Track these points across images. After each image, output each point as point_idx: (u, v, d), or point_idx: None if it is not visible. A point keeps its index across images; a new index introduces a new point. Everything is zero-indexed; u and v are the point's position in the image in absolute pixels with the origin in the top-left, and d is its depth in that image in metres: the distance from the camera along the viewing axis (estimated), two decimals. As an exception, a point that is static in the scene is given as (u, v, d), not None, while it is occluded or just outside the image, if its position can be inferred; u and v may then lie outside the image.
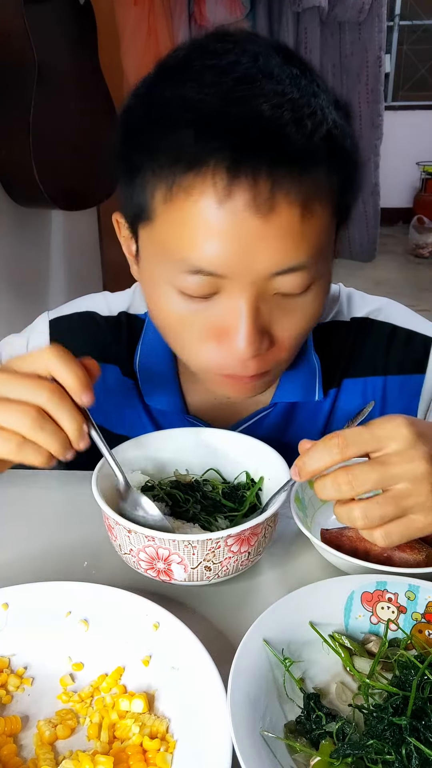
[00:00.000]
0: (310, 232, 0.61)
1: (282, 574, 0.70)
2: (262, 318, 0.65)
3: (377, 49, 3.88)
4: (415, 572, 0.61)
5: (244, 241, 0.59)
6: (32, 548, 0.74)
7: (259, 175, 0.57)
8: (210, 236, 0.59)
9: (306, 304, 0.67)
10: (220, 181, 0.57)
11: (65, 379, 0.57)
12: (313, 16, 3.75)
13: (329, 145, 0.60)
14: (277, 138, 0.57)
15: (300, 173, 0.58)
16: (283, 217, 0.59)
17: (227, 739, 0.47)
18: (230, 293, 0.63)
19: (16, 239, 2.35)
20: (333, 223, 0.66)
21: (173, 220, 0.61)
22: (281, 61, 0.61)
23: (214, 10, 3.42)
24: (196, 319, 0.66)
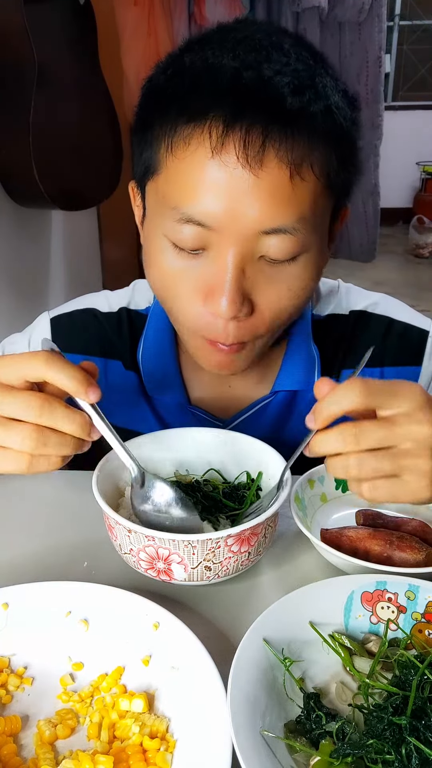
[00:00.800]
0: (299, 196, 0.63)
1: (282, 574, 0.70)
2: (246, 281, 0.66)
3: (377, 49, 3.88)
4: (415, 572, 0.61)
5: (233, 194, 0.61)
6: (32, 548, 0.74)
7: (253, 130, 0.60)
8: (202, 186, 0.62)
9: (291, 275, 0.68)
10: (216, 131, 0.61)
11: (64, 383, 0.56)
12: (313, 16, 3.75)
13: (327, 119, 0.63)
14: (275, 98, 0.60)
15: (293, 134, 0.61)
16: (272, 173, 0.61)
17: (227, 739, 0.47)
18: (218, 249, 0.65)
19: (16, 239, 2.35)
20: (327, 198, 0.67)
21: (173, 170, 0.65)
22: (293, 42, 0.66)
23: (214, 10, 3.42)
24: (187, 275, 0.68)
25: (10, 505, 0.83)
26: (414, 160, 5.90)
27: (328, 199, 0.67)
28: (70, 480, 0.89)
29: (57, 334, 0.91)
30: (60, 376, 0.55)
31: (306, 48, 0.67)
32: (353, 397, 0.55)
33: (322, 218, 0.67)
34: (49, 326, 0.92)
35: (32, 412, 0.55)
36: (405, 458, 0.55)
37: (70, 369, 0.56)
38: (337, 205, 0.72)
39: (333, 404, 0.56)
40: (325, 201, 0.67)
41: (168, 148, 0.64)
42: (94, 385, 0.57)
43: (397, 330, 0.89)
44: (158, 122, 0.65)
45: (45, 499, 0.84)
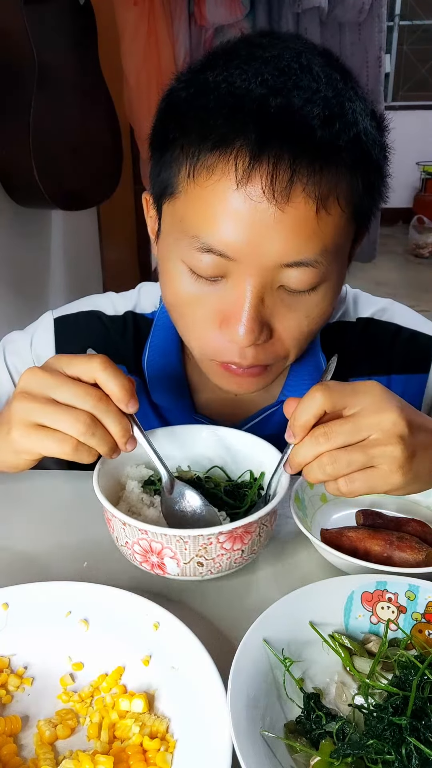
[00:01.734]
0: (323, 230, 0.61)
1: (282, 574, 0.70)
2: (265, 309, 0.66)
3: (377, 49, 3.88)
4: (415, 572, 0.61)
5: (256, 227, 0.60)
6: (32, 548, 0.74)
7: (281, 163, 0.58)
8: (225, 217, 0.61)
9: (311, 304, 0.67)
10: (242, 163, 0.59)
11: (112, 388, 0.60)
12: (313, 17, 3.74)
13: (356, 148, 0.61)
14: (304, 130, 0.58)
15: (321, 168, 0.59)
16: (298, 208, 0.59)
17: (227, 739, 0.47)
18: (237, 278, 0.64)
19: (16, 239, 2.35)
20: (351, 227, 0.66)
21: (194, 197, 0.63)
22: (323, 62, 0.64)
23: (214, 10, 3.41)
24: (203, 301, 0.67)
25: (11, 505, 0.82)
26: (414, 160, 5.90)
27: (352, 226, 0.66)
28: (71, 480, 0.89)
29: (60, 335, 0.91)
30: (111, 381, 0.60)
31: (336, 67, 0.65)
32: (318, 401, 0.58)
33: (344, 247, 0.67)
34: (52, 326, 0.91)
35: (89, 401, 0.59)
36: (375, 447, 0.57)
37: (120, 377, 0.60)
38: (361, 229, 0.71)
39: (303, 413, 0.59)
40: (348, 230, 0.66)
41: (190, 174, 0.63)
42: (135, 397, 0.61)
43: (405, 337, 0.89)
44: (179, 143, 0.63)
45: (45, 499, 0.84)
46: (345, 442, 0.57)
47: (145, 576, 0.68)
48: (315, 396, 0.58)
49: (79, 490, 0.85)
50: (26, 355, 0.91)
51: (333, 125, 0.59)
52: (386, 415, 0.57)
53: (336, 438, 0.57)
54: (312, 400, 0.58)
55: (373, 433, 0.57)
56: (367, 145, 0.63)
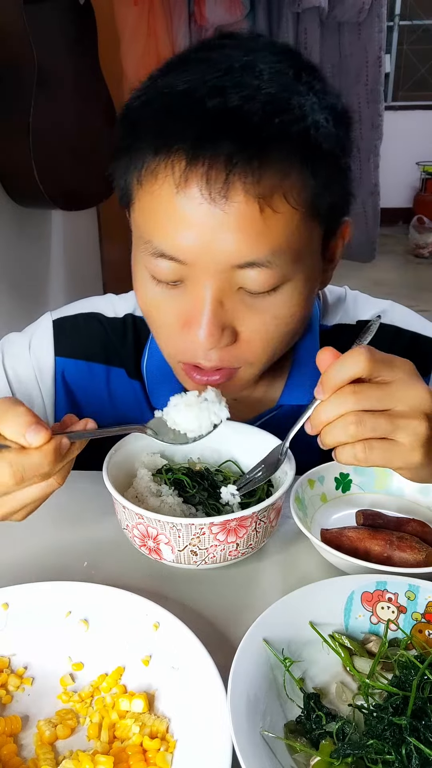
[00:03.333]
0: (272, 229, 0.60)
1: (282, 574, 0.70)
2: (226, 312, 0.65)
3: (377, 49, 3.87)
4: (415, 572, 0.61)
5: (200, 229, 0.60)
6: (32, 548, 0.74)
7: (216, 163, 0.57)
8: (171, 221, 0.61)
9: (274, 305, 0.66)
10: (178, 166, 0.59)
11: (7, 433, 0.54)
12: (313, 17, 3.74)
13: (303, 143, 0.60)
14: (240, 128, 0.57)
15: (260, 166, 0.58)
16: (240, 208, 0.59)
17: (227, 739, 0.47)
18: (194, 282, 0.64)
19: (16, 239, 2.35)
20: (311, 225, 0.64)
21: (144, 203, 0.64)
22: (275, 59, 0.62)
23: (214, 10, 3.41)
24: (167, 305, 0.67)
25: (10, 505, 0.82)
26: (414, 160, 5.90)
27: (312, 225, 0.64)
28: (71, 480, 0.88)
29: (59, 338, 0.90)
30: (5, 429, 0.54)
31: (293, 63, 0.64)
32: (360, 364, 0.57)
33: (306, 246, 0.65)
34: (51, 328, 0.91)
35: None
36: (400, 419, 0.56)
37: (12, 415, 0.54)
38: (332, 226, 0.69)
39: (339, 372, 0.57)
40: (307, 228, 0.64)
41: (138, 181, 0.63)
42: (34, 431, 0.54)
43: (405, 340, 0.88)
44: (129, 152, 0.64)
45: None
46: (372, 407, 0.56)
47: (145, 576, 0.68)
48: (358, 358, 0.57)
49: (80, 491, 0.85)
50: (25, 358, 0.91)
51: (272, 121, 0.58)
52: (417, 391, 0.57)
53: (365, 401, 0.56)
54: (353, 361, 0.57)
55: (400, 405, 0.56)
56: (318, 140, 0.61)
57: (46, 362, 0.90)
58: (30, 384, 0.89)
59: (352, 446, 0.57)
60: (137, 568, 0.69)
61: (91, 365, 0.90)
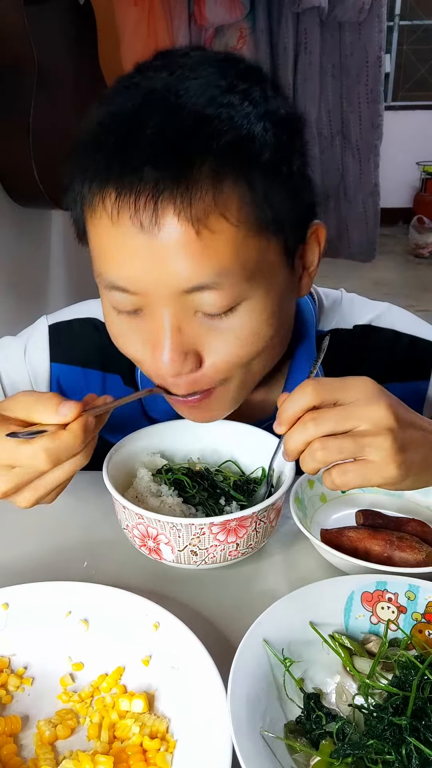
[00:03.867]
0: (214, 249, 0.58)
1: (282, 574, 0.70)
2: (186, 337, 0.63)
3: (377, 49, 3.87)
4: (415, 572, 0.61)
5: (141, 259, 0.59)
6: (32, 548, 0.74)
7: (142, 192, 0.56)
8: (114, 254, 0.61)
9: (236, 326, 0.64)
10: (110, 200, 0.59)
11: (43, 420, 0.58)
12: (313, 17, 3.74)
13: (236, 156, 0.58)
14: (162, 151, 0.56)
15: (188, 187, 0.56)
16: (174, 234, 0.57)
17: (227, 739, 0.47)
18: (152, 310, 0.63)
19: (16, 239, 2.35)
20: (260, 241, 0.61)
21: (91, 236, 0.64)
22: (205, 73, 0.60)
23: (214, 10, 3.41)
24: (131, 333, 0.67)
25: (11, 506, 0.82)
26: (414, 160, 5.90)
27: (261, 239, 0.61)
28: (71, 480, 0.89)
29: (55, 343, 0.90)
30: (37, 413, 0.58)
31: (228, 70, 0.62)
32: (307, 396, 0.58)
33: (257, 262, 0.62)
34: (47, 333, 0.90)
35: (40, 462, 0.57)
36: (365, 438, 0.57)
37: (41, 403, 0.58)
38: (295, 235, 0.66)
39: (291, 406, 0.59)
40: (255, 244, 0.61)
41: (83, 216, 0.64)
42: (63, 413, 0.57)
43: (403, 343, 0.86)
44: (72, 187, 0.64)
45: (45, 499, 0.84)
46: (333, 429, 0.57)
47: (145, 576, 0.68)
48: (305, 390, 0.58)
49: (80, 491, 0.85)
50: (19, 363, 0.90)
51: (197, 137, 0.56)
52: (375, 407, 0.57)
53: (324, 424, 0.57)
54: (301, 394, 0.58)
55: (362, 424, 0.57)
56: (252, 150, 0.58)
57: (42, 368, 0.90)
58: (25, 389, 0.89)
59: (328, 473, 0.59)
60: (137, 568, 0.69)
61: (87, 371, 0.89)
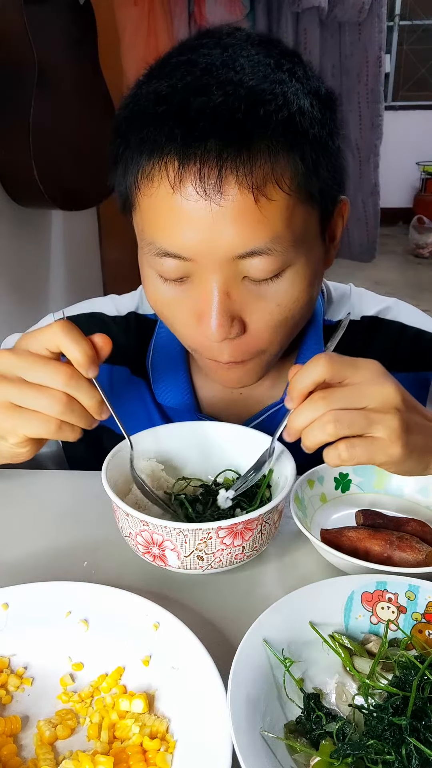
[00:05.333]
0: (269, 217, 0.62)
1: (282, 574, 0.70)
2: (233, 303, 0.67)
3: (377, 49, 3.88)
4: (415, 572, 0.61)
5: (201, 225, 0.61)
6: (32, 548, 0.74)
7: (207, 161, 0.59)
8: (171, 221, 0.63)
9: (280, 291, 0.68)
10: (172, 167, 0.61)
11: (73, 354, 0.60)
12: (313, 17, 3.75)
13: (289, 130, 0.61)
14: (225, 123, 0.59)
15: (250, 157, 0.59)
16: (235, 201, 0.60)
17: (227, 739, 0.47)
18: (200, 277, 0.66)
19: (16, 239, 2.35)
20: (306, 208, 0.65)
21: (144, 206, 0.65)
22: (255, 51, 0.64)
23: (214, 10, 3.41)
24: (177, 302, 0.69)
25: (10, 506, 0.83)
26: (414, 160, 5.91)
27: (308, 208, 0.66)
28: (70, 480, 0.89)
29: None
30: (72, 348, 0.60)
31: (273, 53, 0.65)
32: (320, 369, 0.59)
33: (303, 230, 0.66)
34: None
35: (60, 379, 0.60)
36: (376, 415, 0.58)
37: (82, 343, 0.61)
38: (328, 208, 0.70)
39: (303, 379, 0.60)
40: (303, 212, 0.65)
41: (137, 186, 0.65)
42: (96, 363, 0.62)
43: (409, 335, 0.89)
44: (124, 159, 0.66)
45: (45, 499, 0.84)
46: (343, 406, 0.58)
47: (145, 576, 0.68)
48: (317, 363, 0.59)
49: (79, 490, 0.85)
50: None
51: (257, 111, 0.59)
52: (384, 387, 0.59)
53: (335, 402, 0.58)
54: (314, 367, 0.59)
55: (371, 403, 0.58)
56: (304, 125, 0.62)
57: None
58: None
59: (335, 447, 0.59)
60: (137, 568, 0.69)
61: None
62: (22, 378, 0.61)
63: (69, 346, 0.60)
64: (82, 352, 0.60)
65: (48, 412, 0.61)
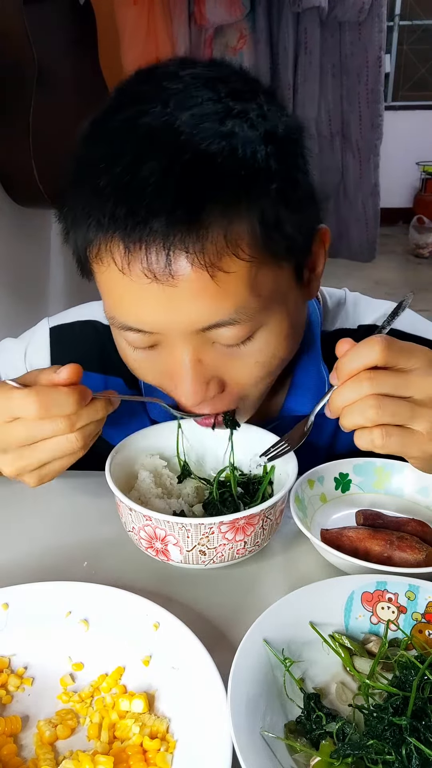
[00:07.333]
0: (229, 289, 0.58)
1: (282, 574, 0.70)
2: (206, 367, 0.64)
3: (377, 49, 3.87)
4: (415, 572, 0.61)
5: (155, 306, 0.59)
6: (32, 548, 0.74)
7: (153, 244, 0.55)
8: (126, 300, 0.60)
9: (253, 351, 0.65)
10: (118, 252, 0.57)
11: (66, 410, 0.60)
12: (313, 17, 3.74)
13: (243, 192, 0.56)
14: (170, 199, 0.54)
15: (199, 234, 0.55)
16: (188, 280, 0.56)
17: (227, 739, 0.47)
18: (170, 345, 0.63)
19: (16, 239, 2.35)
20: (274, 268, 0.61)
21: (100, 281, 0.63)
22: (199, 98, 0.58)
23: (214, 10, 3.41)
24: (149, 364, 0.68)
25: (11, 506, 0.83)
26: (414, 160, 5.90)
27: (274, 267, 0.61)
28: (71, 480, 0.89)
29: (56, 345, 0.89)
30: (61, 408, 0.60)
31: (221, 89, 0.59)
32: (374, 353, 0.56)
33: (272, 290, 0.62)
34: (47, 335, 0.90)
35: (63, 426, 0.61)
36: (420, 408, 0.56)
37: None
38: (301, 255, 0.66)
39: (354, 360, 0.57)
40: (269, 273, 0.61)
41: (88, 260, 0.62)
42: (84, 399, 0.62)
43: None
44: (74, 228, 0.62)
45: (45, 499, 0.84)
46: (389, 392, 0.56)
47: (145, 576, 0.68)
48: (372, 347, 0.56)
49: (80, 491, 0.85)
50: (19, 365, 0.90)
51: (203, 180, 0.54)
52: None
53: (381, 386, 0.56)
54: (368, 349, 0.56)
55: (418, 393, 0.56)
56: (258, 182, 0.57)
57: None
58: None
59: (370, 431, 0.57)
60: (137, 568, 0.69)
61: (88, 374, 0.88)
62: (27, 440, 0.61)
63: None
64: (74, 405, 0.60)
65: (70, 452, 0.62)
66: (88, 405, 0.61)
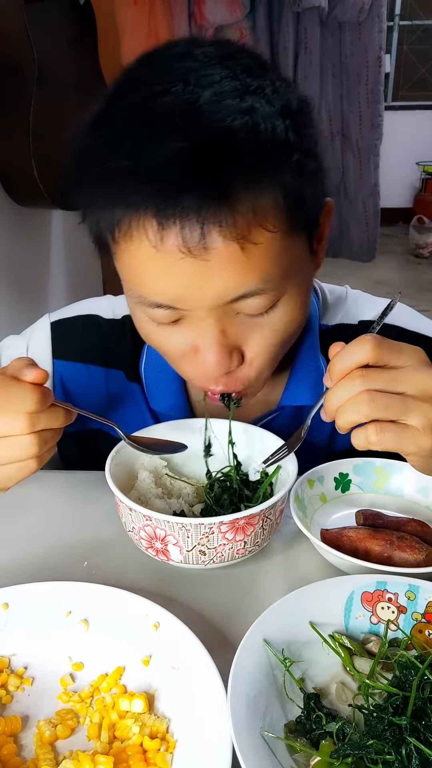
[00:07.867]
0: (258, 260, 0.60)
1: (282, 574, 0.70)
2: (230, 337, 0.65)
3: (377, 49, 3.88)
4: (415, 572, 0.61)
5: (187, 280, 0.60)
6: (32, 548, 0.74)
7: (187, 219, 0.56)
8: (156, 277, 0.61)
9: (273, 320, 0.66)
10: (152, 228, 0.58)
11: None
12: (313, 17, 3.75)
13: (269, 166, 0.58)
14: (199, 178, 0.55)
15: (231, 208, 0.56)
16: (220, 253, 0.58)
17: (227, 739, 0.47)
18: (194, 319, 0.64)
19: (16, 239, 2.35)
20: (294, 240, 0.63)
21: (125, 259, 0.63)
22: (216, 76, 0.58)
23: (214, 10, 3.42)
24: (171, 341, 0.68)
25: (11, 506, 0.82)
26: (414, 160, 5.90)
27: (295, 237, 0.63)
28: (70, 480, 0.89)
29: (57, 340, 0.90)
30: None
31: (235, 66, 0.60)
32: (365, 351, 0.57)
33: (293, 260, 0.64)
34: (49, 330, 0.90)
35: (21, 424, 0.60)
36: (413, 402, 0.57)
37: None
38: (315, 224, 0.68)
39: (345, 359, 0.58)
40: (291, 244, 0.63)
41: (114, 239, 0.62)
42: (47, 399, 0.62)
43: (409, 340, 0.86)
44: (94, 209, 0.62)
45: (45, 499, 0.84)
46: (381, 388, 0.57)
47: (145, 576, 0.68)
48: (362, 345, 0.57)
49: (80, 490, 0.85)
50: None
51: (230, 156, 0.55)
52: (427, 376, 0.57)
53: (373, 382, 0.57)
54: (358, 349, 0.57)
55: (410, 389, 0.57)
56: (280, 157, 0.58)
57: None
58: None
59: (364, 429, 0.57)
60: (137, 568, 0.69)
61: (90, 368, 0.89)
62: None
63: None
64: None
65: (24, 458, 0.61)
66: (48, 409, 0.61)
